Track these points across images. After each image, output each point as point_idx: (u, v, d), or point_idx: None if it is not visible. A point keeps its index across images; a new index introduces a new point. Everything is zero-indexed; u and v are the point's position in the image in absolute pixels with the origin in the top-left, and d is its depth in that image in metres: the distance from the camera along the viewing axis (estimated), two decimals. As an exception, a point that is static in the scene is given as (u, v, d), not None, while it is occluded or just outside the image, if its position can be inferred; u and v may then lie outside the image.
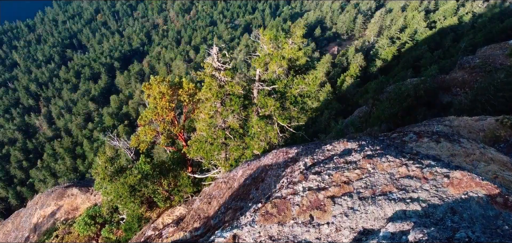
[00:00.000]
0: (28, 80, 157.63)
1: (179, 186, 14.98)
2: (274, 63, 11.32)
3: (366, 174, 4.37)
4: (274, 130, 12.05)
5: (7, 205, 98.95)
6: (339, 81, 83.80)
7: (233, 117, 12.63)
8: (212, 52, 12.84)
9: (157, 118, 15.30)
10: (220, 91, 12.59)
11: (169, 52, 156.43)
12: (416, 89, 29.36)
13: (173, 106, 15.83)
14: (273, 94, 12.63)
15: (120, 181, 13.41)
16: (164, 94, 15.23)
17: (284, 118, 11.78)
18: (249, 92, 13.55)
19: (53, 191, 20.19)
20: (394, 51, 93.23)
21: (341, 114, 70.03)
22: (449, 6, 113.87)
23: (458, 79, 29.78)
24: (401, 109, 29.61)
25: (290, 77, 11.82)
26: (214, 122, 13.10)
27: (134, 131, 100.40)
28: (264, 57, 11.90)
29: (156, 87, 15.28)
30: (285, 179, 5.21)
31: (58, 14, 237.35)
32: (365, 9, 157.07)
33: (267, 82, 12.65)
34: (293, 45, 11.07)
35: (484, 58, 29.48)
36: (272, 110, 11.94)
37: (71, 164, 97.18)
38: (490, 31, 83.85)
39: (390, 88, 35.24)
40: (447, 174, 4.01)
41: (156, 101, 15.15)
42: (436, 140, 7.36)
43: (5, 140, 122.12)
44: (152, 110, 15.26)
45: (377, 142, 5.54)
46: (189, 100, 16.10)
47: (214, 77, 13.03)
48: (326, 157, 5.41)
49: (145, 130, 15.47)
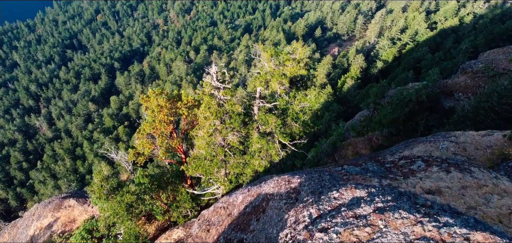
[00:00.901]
0: (28, 81, 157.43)
1: (178, 201, 14.66)
2: (275, 81, 10.97)
3: (377, 233, 3.98)
4: (275, 148, 11.71)
5: (7, 206, 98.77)
6: (340, 82, 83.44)
7: (233, 135, 12.26)
8: (211, 71, 12.46)
9: (155, 132, 14.93)
10: (220, 110, 12.22)
11: (169, 53, 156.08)
12: (418, 94, 29.01)
13: (171, 119, 15.46)
14: (274, 110, 12.27)
15: (117, 199, 13.10)
16: (163, 107, 14.86)
17: (285, 135, 11.43)
18: (249, 108, 13.17)
19: (50, 202, 19.89)
20: (395, 52, 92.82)
21: (342, 116, 69.75)
22: (450, 7, 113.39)
23: (460, 84, 29.45)
24: (403, 114, 29.29)
25: (292, 94, 11.46)
26: (213, 140, 12.75)
27: (134, 132, 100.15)
28: (265, 75, 11.52)
29: (154, 100, 14.89)
30: (289, 233, 4.84)
31: (58, 14, 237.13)
32: (366, 9, 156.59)
33: (268, 99, 12.26)
34: (294, 63, 10.70)
35: (487, 62, 29.14)
36: (273, 127, 11.58)
37: (71, 166, 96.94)
38: (491, 32, 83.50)
39: (391, 92, 34.92)
40: (467, 236, 3.64)
41: (154, 114, 14.78)
42: (446, 170, 7.01)
43: (5, 141, 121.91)
44: (150, 123, 14.88)
45: (388, 190, 5.14)
46: (188, 113, 15.71)
47: (213, 96, 12.66)
48: (333, 207, 5.01)
49: (143, 143, 15.10)
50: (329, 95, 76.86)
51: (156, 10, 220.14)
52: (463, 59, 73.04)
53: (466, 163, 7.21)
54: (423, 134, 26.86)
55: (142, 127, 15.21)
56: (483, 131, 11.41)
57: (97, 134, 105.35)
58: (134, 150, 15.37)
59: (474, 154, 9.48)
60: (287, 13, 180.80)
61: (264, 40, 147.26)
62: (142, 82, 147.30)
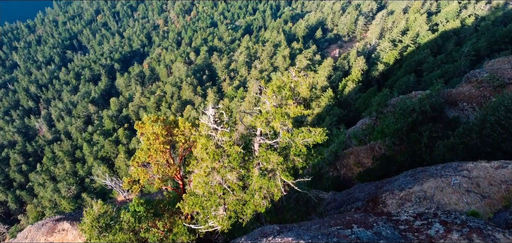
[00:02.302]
0: (28, 82, 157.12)
1: (175, 234, 14.15)
2: (278, 122, 10.42)
3: None
4: (277, 186, 11.17)
5: (6, 209, 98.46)
6: (341, 85, 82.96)
7: (232, 175, 11.66)
8: (208, 112, 11.86)
9: (150, 160, 14.43)
10: (217, 151, 11.64)
11: (169, 54, 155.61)
12: (422, 104, 28.53)
13: (168, 148, 14.91)
14: (275, 147, 11.66)
15: (109, 238, 12.59)
16: (158, 135, 14.42)
17: (288, 173, 10.84)
18: (249, 143, 12.60)
19: (43, 225, 19.41)
20: (396, 54, 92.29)
21: (343, 120, 69.32)
22: (452, 8, 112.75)
23: (465, 93, 28.97)
24: (406, 125, 28.82)
25: (296, 131, 10.84)
26: (211, 179, 12.15)
27: (134, 135, 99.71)
28: (266, 114, 10.95)
29: (150, 127, 14.30)
30: None
31: (58, 14, 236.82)
32: (367, 10, 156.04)
33: (270, 135, 11.65)
34: (299, 103, 10.10)
35: (492, 72, 28.64)
36: (275, 165, 11.02)
37: (70, 168, 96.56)
38: (494, 35, 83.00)
39: (393, 101, 34.46)
40: None
41: (149, 142, 14.26)
42: (467, 237, 6.48)
43: (5, 143, 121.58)
44: (145, 151, 14.37)
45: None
46: (185, 140, 15.18)
47: (210, 137, 12.05)
48: None
49: (138, 172, 14.58)
50: (330, 98, 76.41)
51: (156, 11, 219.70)
52: (465, 63, 72.61)
53: (489, 227, 6.69)
54: (427, 146, 26.37)
55: (137, 154, 14.68)
56: (496, 163, 10.92)
57: (97, 136, 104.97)
58: (129, 178, 14.89)
59: (488, 191, 9.03)
60: (288, 14, 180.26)
61: (265, 42, 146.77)
62: (142, 84, 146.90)
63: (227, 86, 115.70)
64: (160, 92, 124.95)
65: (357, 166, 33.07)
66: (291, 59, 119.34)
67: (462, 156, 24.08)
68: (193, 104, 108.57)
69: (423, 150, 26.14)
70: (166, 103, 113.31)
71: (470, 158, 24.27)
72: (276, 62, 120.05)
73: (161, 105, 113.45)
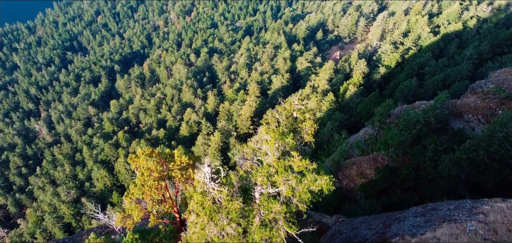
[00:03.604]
0: (28, 83, 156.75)
1: None
2: (280, 178, 9.72)
3: None
4: (280, 236, 10.52)
5: (6, 212, 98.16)
6: (342, 89, 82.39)
7: (231, 227, 11.01)
8: (204, 170, 11.16)
9: (145, 196, 13.82)
10: (214, 207, 10.98)
11: (169, 55, 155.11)
12: (426, 116, 27.99)
13: (163, 184, 14.27)
14: (278, 197, 10.96)
15: None
16: (153, 171, 13.81)
17: (291, 223, 10.17)
18: (249, 191, 11.91)
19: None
20: (398, 57, 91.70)
21: (344, 125, 68.78)
22: (453, 10, 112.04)
23: (470, 104, 28.42)
24: (410, 137, 28.28)
25: (299, 176, 10.17)
26: (208, 232, 11.49)
27: (134, 138, 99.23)
28: (268, 167, 10.29)
29: (144, 162, 13.65)
30: None
31: (58, 15, 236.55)
32: (367, 11, 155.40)
33: (271, 183, 10.94)
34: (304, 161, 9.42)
35: (497, 82, 28.06)
36: (277, 216, 10.39)
37: (70, 172, 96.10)
38: (496, 37, 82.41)
39: (396, 111, 33.90)
40: None
41: (143, 178, 13.66)
42: None
43: (5, 145, 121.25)
44: (139, 188, 13.77)
45: None
46: (181, 175, 14.56)
47: (206, 193, 11.40)
48: None
49: (131, 208, 14.00)
50: (331, 102, 75.87)
51: (157, 12, 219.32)
52: (468, 66, 71.99)
53: None
54: (432, 159, 25.81)
55: (131, 190, 14.10)
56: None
57: (97, 139, 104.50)
58: (122, 214, 14.32)
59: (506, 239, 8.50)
60: (288, 15, 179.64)
61: (265, 43, 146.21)
62: (142, 86, 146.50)
63: (228, 88, 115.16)
64: (160, 94, 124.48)
65: (360, 177, 32.53)
66: (292, 61, 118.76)
67: (468, 171, 23.54)
68: (194, 107, 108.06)
69: (428, 163, 25.61)
70: (166, 106, 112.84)
71: (476, 173, 23.72)
72: (276, 64, 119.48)
73: (161, 108, 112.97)
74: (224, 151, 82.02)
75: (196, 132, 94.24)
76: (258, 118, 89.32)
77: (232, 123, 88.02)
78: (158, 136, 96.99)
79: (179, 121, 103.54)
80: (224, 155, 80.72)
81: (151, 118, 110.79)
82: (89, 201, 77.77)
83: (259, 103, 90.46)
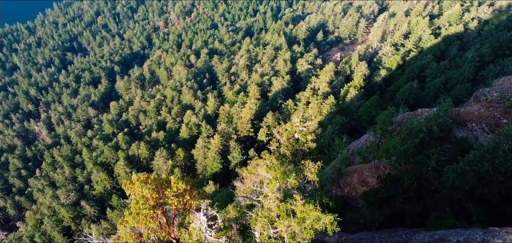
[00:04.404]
0: (28, 84, 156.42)
1: None
2: (282, 224, 9.26)
3: None
4: None
5: (5, 215, 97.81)
6: (343, 91, 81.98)
7: None
8: (200, 217, 10.71)
9: (140, 225, 13.41)
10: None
11: (169, 56, 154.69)
12: (429, 124, 27.60)
13: (158, 213, 13.82)
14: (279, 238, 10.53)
15: None
16: (148, 199, 13.38)
17: None
18: (248, 228, 11.46)
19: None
20: (399, 60, 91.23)
21: (345, 128, 68.36)
22: (454, 12, 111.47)
23: (474, 113, 28.01)
24: (412, 146, 27.90)
25: (301, 219, 9.71)
26: None
27: (134, 141, 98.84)
28: (269, 212, 9.81)
29: (139, 189, 13.21)
30: None
31: (58, 16, 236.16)
32: (368, 12, 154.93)
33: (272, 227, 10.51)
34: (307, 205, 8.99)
35: (501, 91, 27.66)
36: None
37: (70, 174, 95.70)
38: (497, 39, 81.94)
39: (399, 118, 33.50)
40: None
41: (138, 206, 13.23)
42: None
43: (4, 147, 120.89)
44: (134, 216, 13.34)
45: None
46: (178, 202, 14.08)
47: (203, 240, 10.93)
48: None
49: (126, 236, 13.59)
50: (332, 105, 75.46)
51: (157, 12, 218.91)
52: (469, 69, 71.55)
53: None
54: (435, 169, 25.41)
55: (126, 218, 13.71)
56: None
57: (97, 141, 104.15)
58: (116, 240, 13.93)
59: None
60: (288, 15, 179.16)
61: (265, 44, 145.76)
62: (142, 87, 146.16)
63: (228, 90, 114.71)
64: (160, 96, 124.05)
65: (362, 185, 32.16)
66: (292, 62, 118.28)
67: (472, 183, 23.16)
68: (194, 109, 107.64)
69: (431, 173, 25.24)
70: (166, 108, 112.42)
71: (481, 185, 23.31)
72: (277, 65, 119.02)
73: (161, 110, 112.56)
74: (224, 154, 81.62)
75: (196, 134, 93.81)
76: (258, 120, 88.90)
77: (232, 126, 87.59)
78: (158, 138, 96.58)
79: (179, 123, 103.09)
80: (224, 158, 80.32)
81: (151, 120, 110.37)
82: (88, 204, 77.40)
83: (259, 105, 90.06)
